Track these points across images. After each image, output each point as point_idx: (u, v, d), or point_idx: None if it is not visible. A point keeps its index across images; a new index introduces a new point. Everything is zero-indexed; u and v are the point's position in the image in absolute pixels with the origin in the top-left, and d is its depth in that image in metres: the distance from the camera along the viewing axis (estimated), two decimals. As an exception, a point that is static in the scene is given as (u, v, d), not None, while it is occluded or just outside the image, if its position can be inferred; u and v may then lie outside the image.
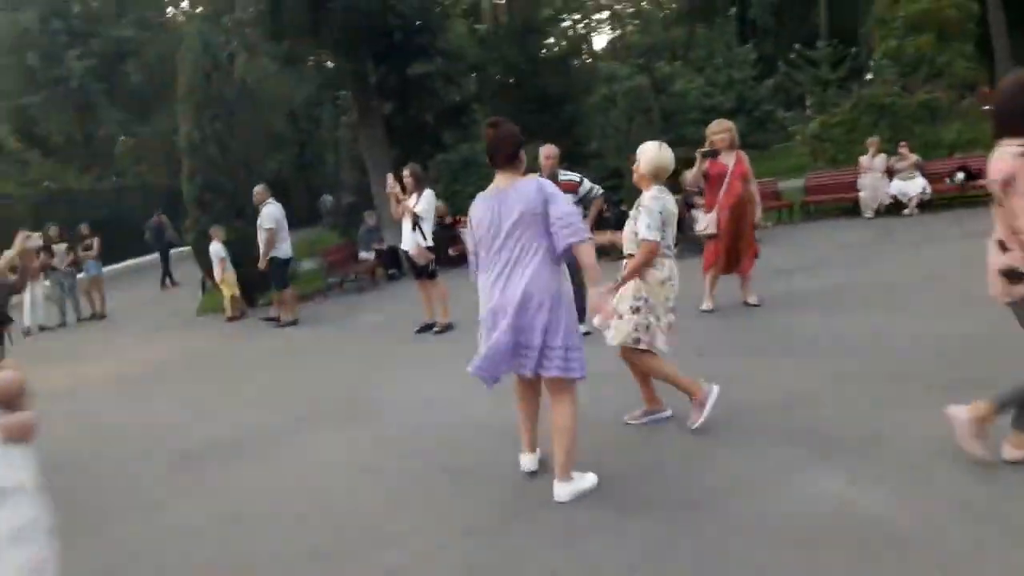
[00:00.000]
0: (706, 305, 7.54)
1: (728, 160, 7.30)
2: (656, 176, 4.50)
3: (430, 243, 8.28)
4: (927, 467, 3.68)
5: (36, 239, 6.07)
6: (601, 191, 7.34)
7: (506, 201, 3.73)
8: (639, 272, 4.41)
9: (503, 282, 3.75)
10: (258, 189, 10.42)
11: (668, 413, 4.74)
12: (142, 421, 6.64)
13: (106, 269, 21.88)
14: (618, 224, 14.57)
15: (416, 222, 8.14)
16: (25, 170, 25.91)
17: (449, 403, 5.74)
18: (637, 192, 4.63)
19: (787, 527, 3.27)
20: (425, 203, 8.19)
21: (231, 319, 11.47)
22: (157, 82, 26.95)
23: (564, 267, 3.83)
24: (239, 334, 10.56)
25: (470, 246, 4.06)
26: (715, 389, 4.47)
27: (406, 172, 8.22)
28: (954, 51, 30.02)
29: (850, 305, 7.09)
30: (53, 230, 13.93)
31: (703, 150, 7.20)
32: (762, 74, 27.25)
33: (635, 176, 4.59)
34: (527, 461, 4.19)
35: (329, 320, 10.60)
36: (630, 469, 4.09)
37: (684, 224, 11.65)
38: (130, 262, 24.06)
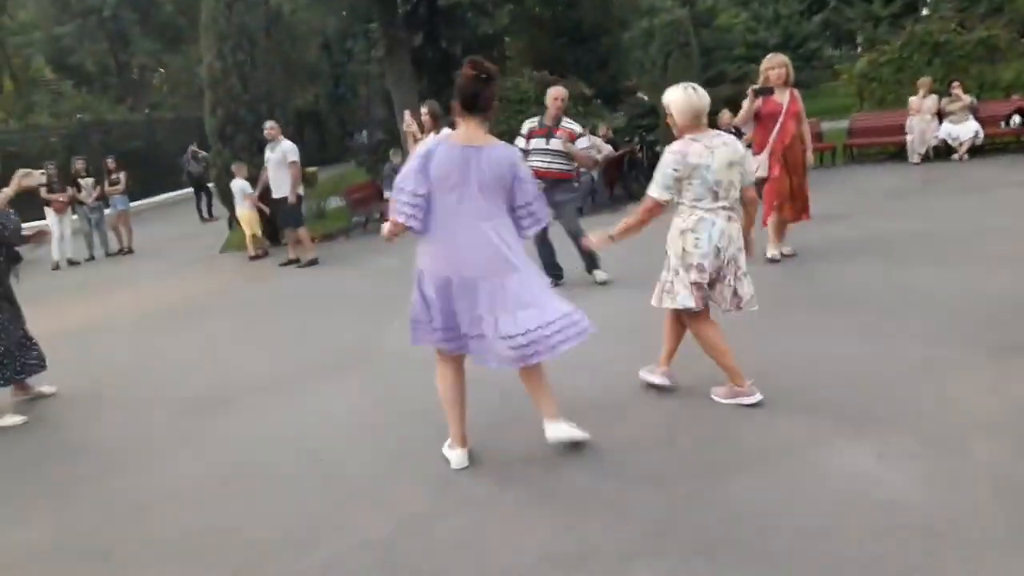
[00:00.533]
0: (773, 252, 6.97)
1: (782, 98, 6.75)
2: (695, 121, 3.91)
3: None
4: (965, 443, 3.36)
5: (38, 176, 5.94)
6: (596, 153, 7.10)
7: (479, 162, 3.37)
8: (633, 230, 4.00)
9: (468, 252, 3.40)
10: (271, 124, 10.16)
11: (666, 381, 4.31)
12: (150, 365, 6.52)
13: (139, 203, 21.97)
14: (651, 167, 14.12)
15: None
16: (58, 101, 25.89)
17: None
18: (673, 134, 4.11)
19: (806, 510, 2.99)
20: None
21: (253, 258, 11.33)
22: (189, 12, 26.61)
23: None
24: (259, 274, 10.41)
25: (409, 183, 3.42)
26: (756, 398, 3.97)
27: (424, 110, 7.86)
28: (1017, -15, 28.41)
29: (892, 257, 6.67)
30: (79, 164, 13.82)
31: (757, 87, 6.62)
32: (810, 9, 26.06)
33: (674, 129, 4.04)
34: (459, 457, 3.75)
35: (349, 261, 10.40)
36: (638, 437, 3.82)
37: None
38: (164, 196, 24.06)
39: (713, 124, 11.95)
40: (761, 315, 5.38)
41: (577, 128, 6.98)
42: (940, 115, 11.93)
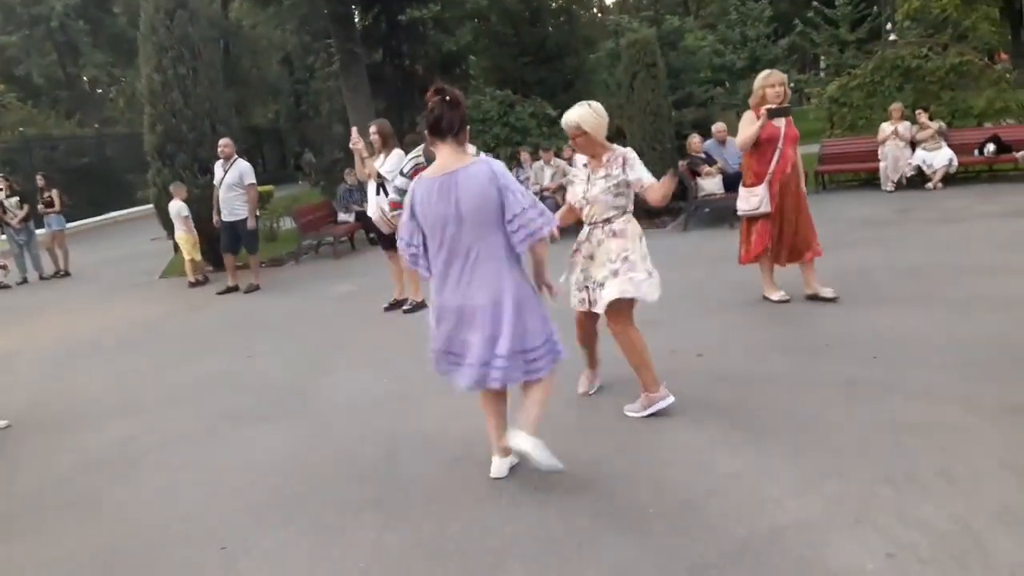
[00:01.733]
0: (779, 295, 6.21)
1: (778, 121, 5.96)
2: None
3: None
4: (984, 536, 2.81)
5: None
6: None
7: (458, 187, 3.27)
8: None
9: (464, 279, 3.36)
10: (227, 141, 9.45)
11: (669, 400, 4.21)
12: (56, 409, 5.79)
13: (86, 221, 21.04)
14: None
15: (381, 184, 7.23)
16: (1, 114, 24.79)
17: (402, 405, 4.89)
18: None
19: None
20: (392, 164, 7.25)
21: (193, 284, 10.59)
22: (143, 24, 25.75)
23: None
24: (197, 302, 9.67)
25: (404, 234, 3.50)
26: (671, 399, 4.17)
27: (372, 129, 7.27)
28: (980, 14, 28.70)
29: (870, 296, 6.18)
30: (0, 183, 12.83)
31: (772, 107, 5.84)
32: (776, 32, 25.93)
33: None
34: (500, 466, 3.70)
35: (295, 288, 9.72)
36: (602, 528, 3.22)
37: (688, 192, 10.72)
38: (114, 214, 23.14)
39: (683, 149, 11.35)
40: (736, 364, 4.87)
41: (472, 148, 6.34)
42: (913, 143, 11.61)
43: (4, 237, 12.85)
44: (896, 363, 4.64)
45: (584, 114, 4.05)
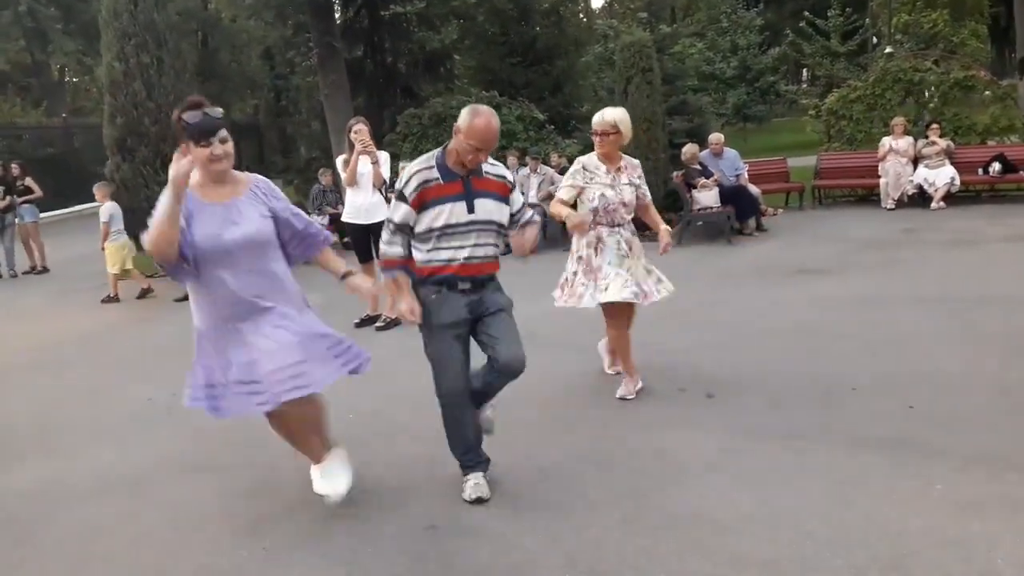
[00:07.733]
0: None
1: None
2: None
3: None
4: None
5: None
6: (537, 218, 3.93)
7: None
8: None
9: None
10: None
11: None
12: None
13: (55, 213, 20.11)
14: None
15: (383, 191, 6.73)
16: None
17: (364, 450, 4.20)
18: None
19: None
20: (388, 168, 6.80)
21: (105, 300, 9.45)
22: (117, 12, 24.84)
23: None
24: (147, 314, 8.89)
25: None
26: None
27: (359, 127, 6.59)
28: (969, 30, 28.61)
29: (894, 328, 5.61)
30: None
31: None
32: (767, 43, 25.59)
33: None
34: None
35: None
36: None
37: (684, 205, 10.17)
38: (80, 207, 22.20)
39: (676, 159, 10.69)
40: (748, 405, 4.21)
41: (508, 175, 3.77)
42: (915, 159, 11.13)
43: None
44: (939, 416, 4.04)
45: (623, 116, 4.42)
